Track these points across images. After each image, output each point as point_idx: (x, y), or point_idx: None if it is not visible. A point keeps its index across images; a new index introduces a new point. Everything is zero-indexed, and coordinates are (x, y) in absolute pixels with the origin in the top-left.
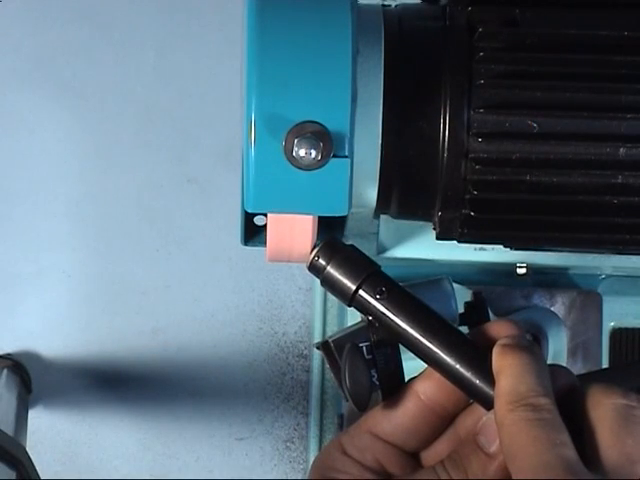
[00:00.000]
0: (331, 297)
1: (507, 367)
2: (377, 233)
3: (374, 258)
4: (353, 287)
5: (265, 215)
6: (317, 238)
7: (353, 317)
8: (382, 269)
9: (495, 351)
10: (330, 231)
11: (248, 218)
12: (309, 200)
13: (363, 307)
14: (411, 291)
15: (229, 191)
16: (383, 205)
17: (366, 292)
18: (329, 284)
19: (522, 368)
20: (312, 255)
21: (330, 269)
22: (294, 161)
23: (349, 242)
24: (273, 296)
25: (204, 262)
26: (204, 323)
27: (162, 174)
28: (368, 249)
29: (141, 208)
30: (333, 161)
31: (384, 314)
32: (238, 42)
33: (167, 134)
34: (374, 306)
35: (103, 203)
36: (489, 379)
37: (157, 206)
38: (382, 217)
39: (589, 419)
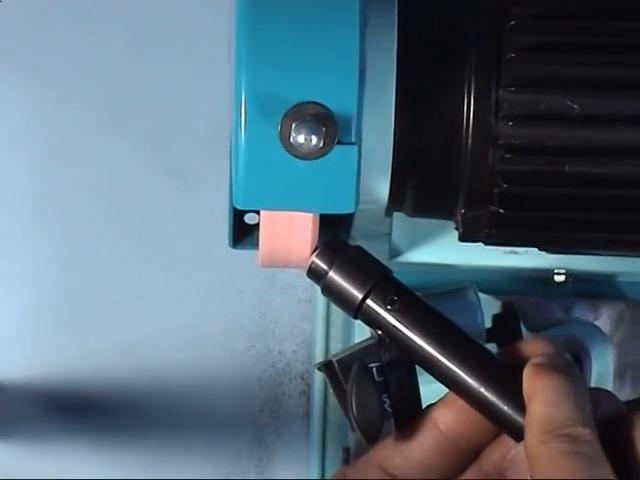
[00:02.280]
0: (335, 308)
1: (541, 391)
2: (389, 234)
3: (385, 263)
4: (359, 296)
5: (257, 212)
6: (318, 239)
7: (361, 332)
8: (394, 275)
9: (527, 372)
10: (334, 231)
11: (237, 216)
12: (309, 195)
13: (372, 320)
14: (429, 302)
15: (215, 184)
16: (396, 201)
17: (375, 302)
18: (332, 292)
19: (558, 392)
20: (312, 258)
21: (333, 275)
22: (292, 149)
23: (356, 243)
24: (267, 308)
25: (185, 268)
26: (185, 340)
27: (135, 164)
28: (379, 252)
29: (110, 205)
30: (337, 149)
31: (396, 328)
32: (225, 8)
33: (141, 117)
34: (384, 318)
35: (65, 199)
36: (520, 405)
37: (129, 202)
38: (395, 215)
39: (637, 453)
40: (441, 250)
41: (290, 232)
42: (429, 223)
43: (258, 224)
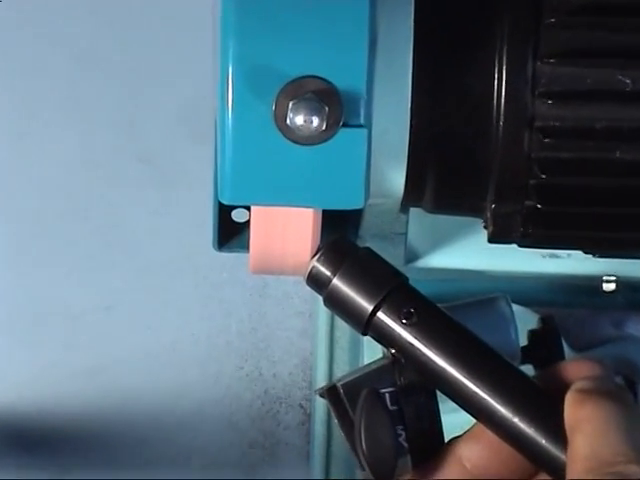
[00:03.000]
0: (340, 323)
1: (585, 421)
2: (405, 234)
3: (400, 268)
4: (369, 308)
5: (247, 209)
6: (320, 240)
7: (371, 351)
8: (410, 283)
9: (569, 399)
10: (339, 231)
11: (224, 213)
12: (309, 187)
13: (384, 336)
14: (452, 315)
15: (196, 174)
16: (414, 194)
17: (388, 315)
18: (336, 303)
19: (607, 423)
20: (313, 262)
21: (337, 282)
22: (289, 132)
23: (365, 245)
24: (259, 323)
25: (161, 275)
26: (160, 361)
27: (102, 150)
28: (392, 255)
29: (72, 199)
30: (343, 132)
31: (414, 346)
32: None
33: (109, 94)
34: (399, 335)
35: (18, 192)
36: (561, 439)
37: (94, 196)
38: (412, 211)
39: None
40: (467, 253)
41: (287, 232)
42: (452, 221)
43: (248, 222)
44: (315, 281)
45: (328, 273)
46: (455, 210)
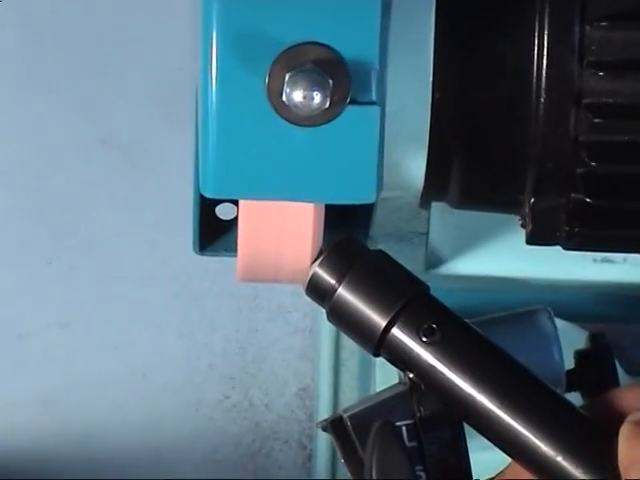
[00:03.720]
0: (347, 341)
1: None
2: (426, 234)
3: (421, 275)
4: (383, 323)
5: (235, 203)
6: (323, 241)
7: (385, 376)
8: (432, 292)
9: (624, 433)
10: (345, 230)
11: (206, 209)
12: (310, 177)
13: (401, 357)
14: (482, 331)
15: (172, 162)
16: (436, 185)
17: (405, 331)
18: (342, 317)
19: None
20: (314, 268)
21: (344, 292)
22: (285, 111)
23: (379, 248)
24: (249, 342)
25: (129, 283)
26: (130, 388)
27: (63, 134)
28: (411, 260)
29: (26, 189)
30: (351, 111)
31: (436, 370)
32: None
33: (67, 68)
34: (419, 356)
35: None
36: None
37: (53, 186)
38: (434, 207)
39: None
40: (500, 257)
41: (282, 232)
42: (483, 218)
43: (236, 220)
44: (317, 290)
45: (332, 281)
46: (486, 205)
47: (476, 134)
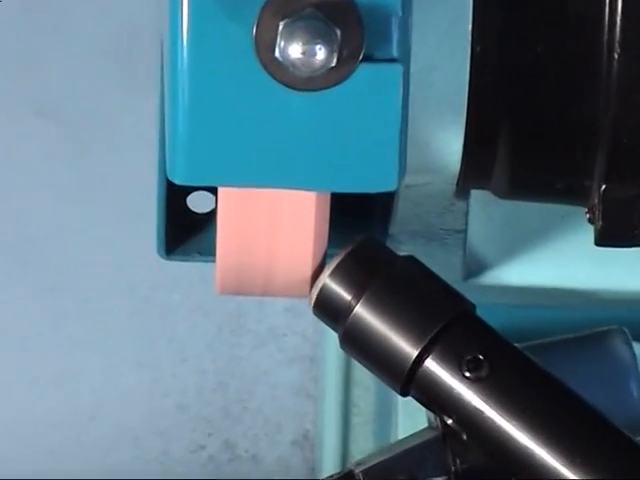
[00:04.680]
0: (359, 373)
1: None
2: (464, 232)
3: (457, 286)
4: (413, 352)
5: (212, 192)
6: (329, 242)
7: (409, 419)
8: (477, 313)
9: None
10: (359, 227)
11: (174, 199)
12: (311, 158)
13: (435, 397)
14: (541, 361)
15: (130, 138)
16: (476, 169)
17: (442, 364)
18: (360, 344)
19: None
20: (323, 279)
21: (363, 310)
22: (278, 71)
23: (401, 250)
24: (230, 374)
25: (73, 296)
26: (72, 435)
27: None
28: (444, 267)
29: None
30: (365, 71)
31: (482, 414)
32: None
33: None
34: (459, 395)
35: None
36: None
37: None
38: (475, 196)
39: None
40: (561, 262)
41: (275, 229)
42: (537, 212)
43: (214, 214)
44: (327, 308)
45: (348, 296)
46: (542, 194)
47: (528, 100)
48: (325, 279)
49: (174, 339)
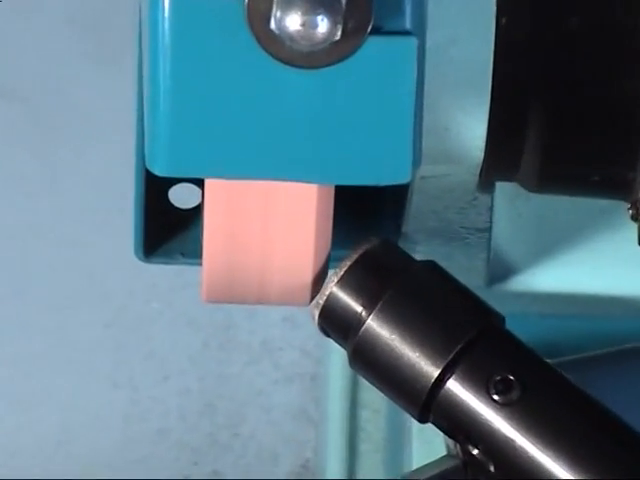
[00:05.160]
0: (368, 394)
1: None
2: (488, 230)
3: (480, 294)
4: (434, 371)
5: (198, 184)
6: (332, 243)
7: (425, 446)
8: (506, 326)
9: None
10: (367, 226)
11: (154, 192)
12: (312, 145)
13: (459, 423)
14: (578, 379)
15: (103, 122)
16: (503, 158)
17: (467, 385)
18: (373, 362)
19: None
20: (330, 287)
21: (376, 323)
22: (274, 45)
23: (416, 252)
24: (218, 395)
25: (38, 305)
26: (38, 464)
27: None
28: (466, 270)
29: None
30: (374, 45)
31: (513, 442)
32: None
33: None
34: (486, 421)
35: None
36: None
37: None
38: (500, 190)
39: None
40: (599, 266)
41: (270, 227)
42: (572, 207)
43: (199, 209)
44: (334, 321)
45: (358, 307)
46: (578, 187)
47: (563, 79)
48: (332, 287)
49: (153, 354)
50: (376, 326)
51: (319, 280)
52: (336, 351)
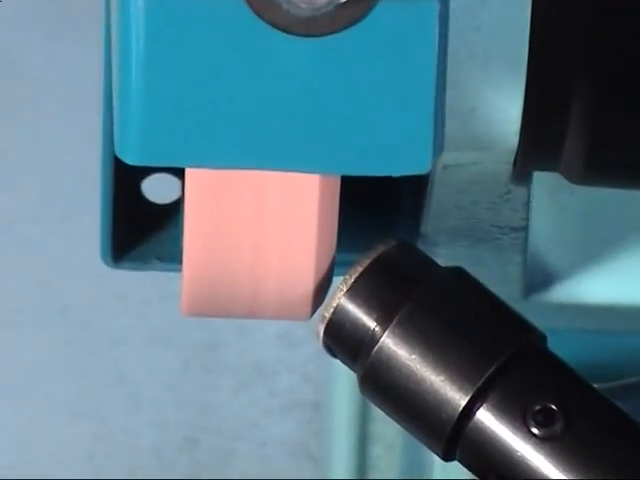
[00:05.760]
0: (381, 426)
1: None
2: (525, 229)
3: (518, 306)
4: (461, 400)
5: (177, 175)
6: (337, 245)
7: None
8: (547, 345)
9: None
10: (379, 225)
11: (125, 185)
12: (314, 128)
13: (491, 460)
14: (632, 411)
15: (64, 103)
16: (542, 142)
17: (501, 416)
18: (389, 388)
19: None
20: (336, 298)
21: (392, 342)
22: (269, 10)
23: (439, 258)
24: (202, 427)
25: None
26: None
27: None
28: (498, 277)
29: None
30: (388, 9)
31: None
32: None
33: None
34: (524, 459)
35: None
36: None
37: None
38: (539, 181)
39: None
40: None
41: (265, 226)
42: (625, 202)
43: (179, 205)
44: (342, 338)
45: (371, 322)
46: (632, 178)
47: (614, 49)
48: (340, 298)
49: (123, 379)
50: (392, 344)
51: (322, 289)
52: (341, 375)
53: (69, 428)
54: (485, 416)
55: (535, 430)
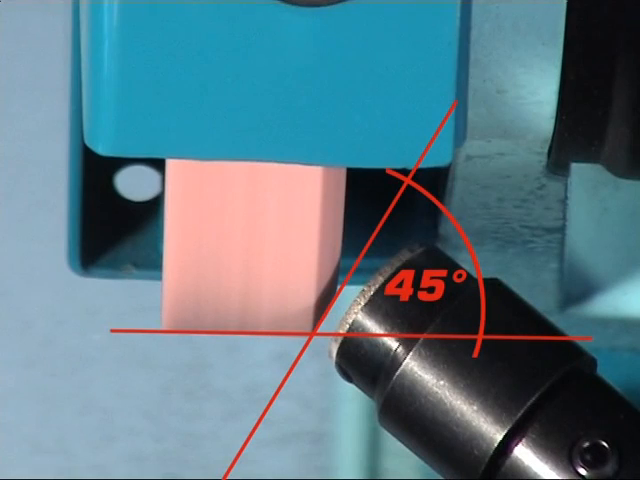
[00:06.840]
0: (398, 462)
1: None
2: (562, 230)
3: (553, 319)
4: (497, 434)
5: (157, 168)
6: (343, 248)
7: None
8: (597, 366)
9: None
10: (391, 226)
11: (96, 179)
12: (320, 115)
13: None
14: None
15: (27, 82)
16: (580, 131)
17: (543, 453)
18: (412, 419)
19: None
20: (352, 313)
21: (417, 364)
22: None
23: (459, 261)
24: (184, 461)
25: None
26: None
27: None
28: (531, 287)
29: None
30: None
31: None
32: None
33: None
34: None
35: None
36: None
37: None
38: (578, 176)
39: None
40: None
41: (260, 227)
42: None
43: (158, 202)
44: (358, 360)
45: (392, 342)
46: None
47: None
48: (357, 313)
49: (92, 405)
50: (417, 368)
51: (324, 298)
52: (347, 401)
53: (28, 463)
54: (524, 453)
55: (583, 471)
